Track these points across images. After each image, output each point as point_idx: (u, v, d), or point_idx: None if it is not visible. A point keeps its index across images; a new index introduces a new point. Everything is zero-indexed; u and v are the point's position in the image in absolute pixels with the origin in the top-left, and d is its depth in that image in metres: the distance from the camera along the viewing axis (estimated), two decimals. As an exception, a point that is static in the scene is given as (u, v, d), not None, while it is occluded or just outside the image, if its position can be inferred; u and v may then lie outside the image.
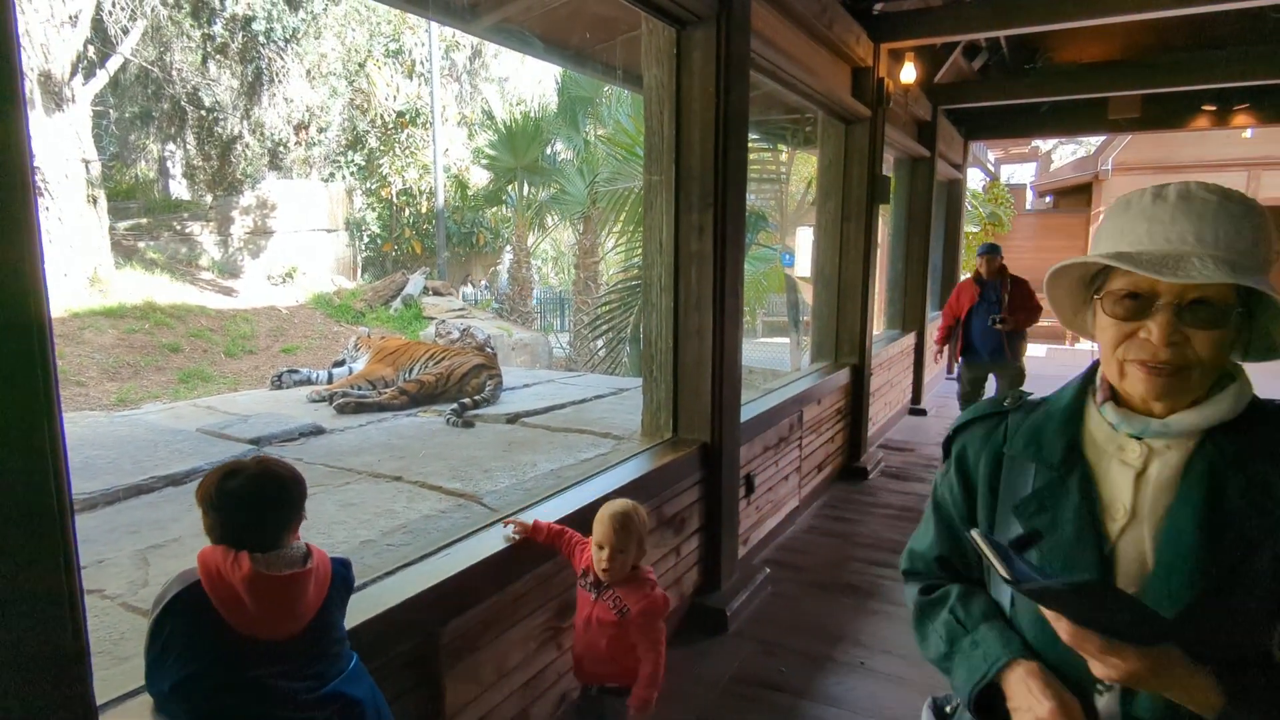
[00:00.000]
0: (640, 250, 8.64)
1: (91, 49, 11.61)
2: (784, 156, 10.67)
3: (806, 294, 10.83)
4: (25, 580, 1.05)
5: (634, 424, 3.51)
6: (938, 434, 6.63)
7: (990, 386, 5.83)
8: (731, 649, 3.07)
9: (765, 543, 4.05)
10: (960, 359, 5.75)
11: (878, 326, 7.43)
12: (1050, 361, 10.72)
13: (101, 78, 11.93)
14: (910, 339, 7.41)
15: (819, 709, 2.68)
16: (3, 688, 1.04)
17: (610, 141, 10.86)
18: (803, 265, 10.08)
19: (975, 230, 13.58)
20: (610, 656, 1.91)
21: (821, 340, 5.48)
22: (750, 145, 5.21)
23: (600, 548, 1.88)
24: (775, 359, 13.09)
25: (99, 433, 3.42)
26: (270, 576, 1.24)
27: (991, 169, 17.02)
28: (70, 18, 10.13)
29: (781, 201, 11.69)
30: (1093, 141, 16.03)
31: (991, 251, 5.56)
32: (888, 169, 6.18)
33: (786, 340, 14.62)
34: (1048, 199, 17.70)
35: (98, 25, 11.50)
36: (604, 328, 9.05)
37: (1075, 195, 15.92)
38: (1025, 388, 1.18)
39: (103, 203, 11.00)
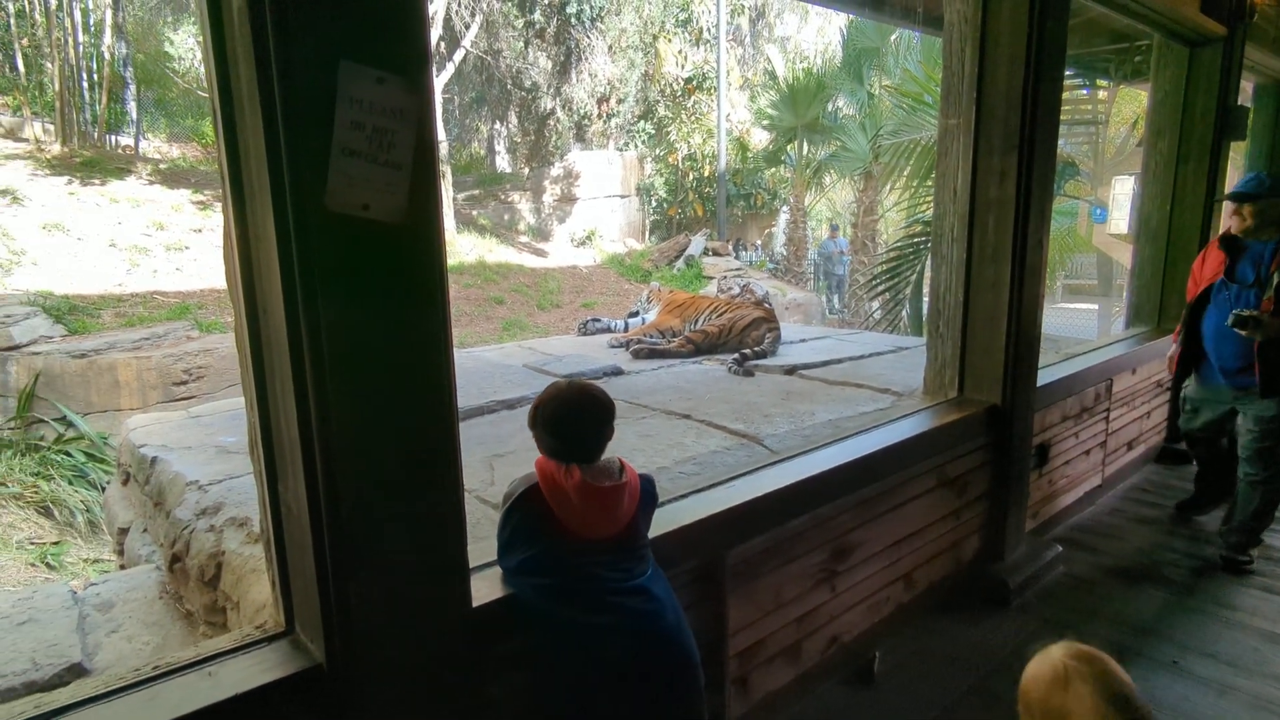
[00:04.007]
0: (924, 206, 8.17)
1: (443, 45, 13.72)
2: (1102, 95, 9.18)
3: (1120, 253, 9.29)
4: (436, 463, 1.40)
5: (914, 382, 3.42)
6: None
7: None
8: (1013, 623, 2.92)
9: (1057, 519, 3.73)
10: (1180, 370, 3.54)
11: (1221, 289, 6.18)
12: None
13: (449, 69, 14.05)
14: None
15: (1116, 699, 2.47)
16: (420, 541, 1.39)
17: (897, 91, 10.25)
18: (1119, 221, 8.68)
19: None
20: None
21: (1141, 302, 4.77)
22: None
23: None
24: (1077, 326, 11.54)
25: (450, 365, 4.19)
26: (596, 486, 1.51)
27: None
28: (430, 17, 12.05)
29: (1097, 147, 10.12)
30: None
31: (1259, 192, 3.12)
32: (1244, 99, 5.06)
33: (1093, 306, 12.78)
34: None
35: (447, 22, 13.54)
36: (881, 287, 8.69)
37: None
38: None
39: (449, 177, 13.06)
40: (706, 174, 16.37)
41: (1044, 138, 2.87)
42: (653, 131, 17.07)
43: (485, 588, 1.58)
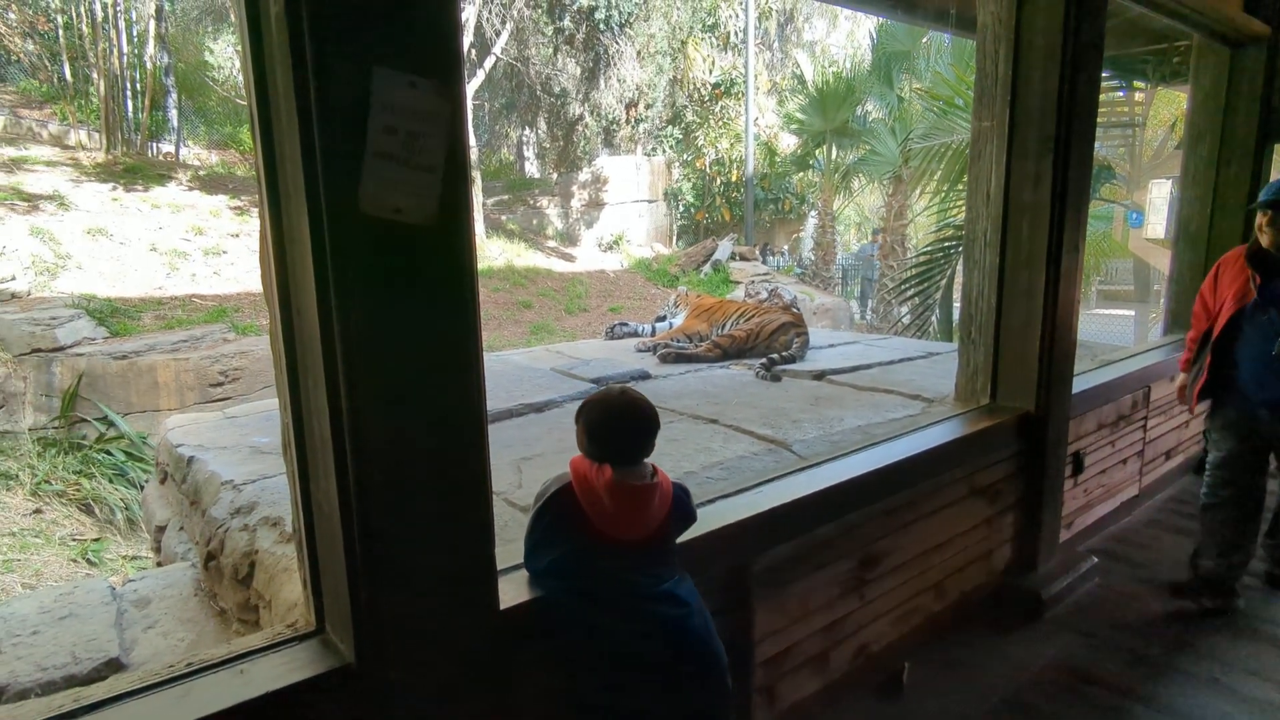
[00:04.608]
0: (955, 210, 8.06)
1: (474, 52, 13.88)
2: (1139, 96, 8.98)
3: (1157, 259, 9.08)
4: (465, 464, 1.41)
5: (945, 388, 3.38)
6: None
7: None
8: (1047, 636, 2.86)
9: (1093, 530, 3.64)
10: (1207, 400, 3.08)
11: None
12: None
13: (480, 76, 14.20)
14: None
15: (1155, 716, 2.40)
16: (449, 543, 1.40)
17: (928, 94, 10.15)
18: (1155, 225, 8.50)
19: None
20: None
21: (1180, 308, 4.65)
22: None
23: None
24: (1112, 333, 11.31)
25: (478, 369, 4.21)
26: (626, 484, 1.51)
27: None
28: (461, 24, 12.22)
29: (1134, 150, 9.91)
30: None
31: None
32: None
33: (1129, 312, 12.54)
34: None
35: (478, 30, 13.69)
36: (911, 292, 8.59)
37: None
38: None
39: (479, 183, 13.17)
40: (734, 179, 16.34)
41: (1080, 141, 2.82)
42: (680, 136, 17.09)
43: (513, 590, 1.59)
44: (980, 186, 2.98)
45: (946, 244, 8.00)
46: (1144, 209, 9.04)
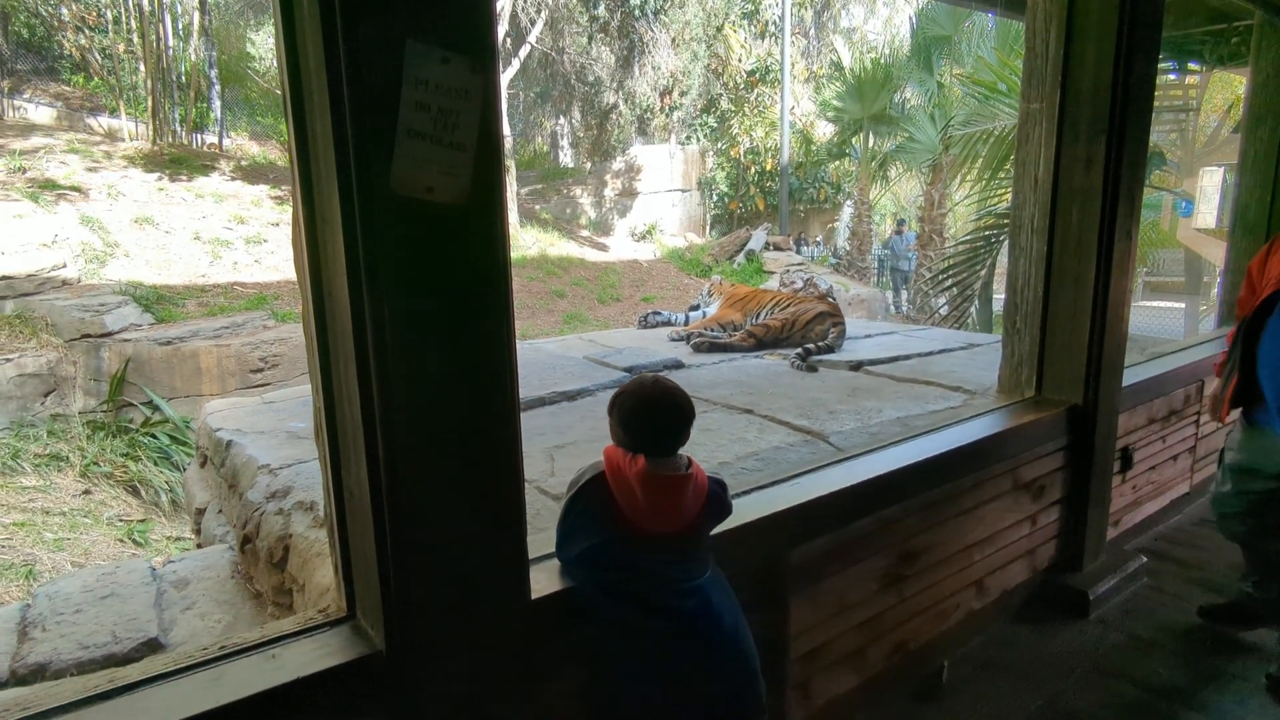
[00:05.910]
0: (996, 198, 7.86)
1: (509, 41, 13.89)
2: (1191, 80, 8.63)
3: (1207, 249, 8.75)
4: (497, 451, 1.38)
5: (987, 380, 3.28)
6: None
7: None
8: (1093, 636, 2.77)
9: (1141, 529, 3.52)
10: (1237, 411, 2.61)
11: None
12: None
13: (515, 65, 14.22)
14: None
15: (1207, 722, 2.31)
16: (480, 531, 1.38)
17: (969, 80, 9.89)
18: (1206, 214, 8.16)
19: None
20: None
21: (1236, 299, 4.47)
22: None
23: None
24: (1161, 326, 10.95)
25: (511, 357, 4.21)
26: (658, 475, 1.47)
27: None
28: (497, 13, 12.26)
29: (1186, 136, 9.54)
30: None
31: None
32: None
33: (1178, 305, 12.15)
34: None
35: (513, 19, 13.70)
36: (950, 282, 8.41)
37: None
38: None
39: (513, 172, 13.21)
40: (769, 167, 16.16)
41: (1135, 122, 2.70)
42: (715, 125, 16.94)
43: (544, 579, 1.57)
44: (1028, 171, 2.87)
45: (987, 233, 7.81)
46: (1194, 197, 8.72)
